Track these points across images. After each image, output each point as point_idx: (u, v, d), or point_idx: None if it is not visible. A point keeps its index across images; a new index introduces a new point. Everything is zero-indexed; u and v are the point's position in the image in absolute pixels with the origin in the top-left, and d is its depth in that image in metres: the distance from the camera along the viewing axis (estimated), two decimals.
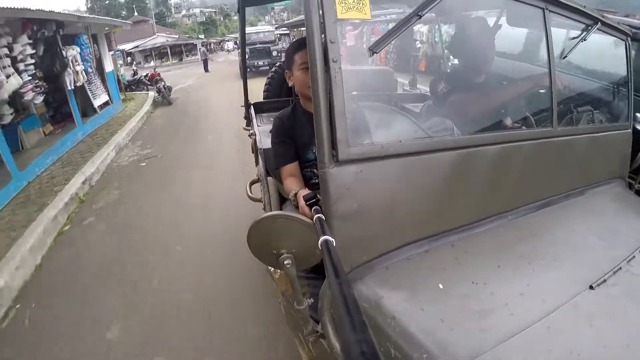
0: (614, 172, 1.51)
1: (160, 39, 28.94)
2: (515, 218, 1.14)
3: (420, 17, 0.90)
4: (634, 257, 1.03)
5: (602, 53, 1.56)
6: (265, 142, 1.78)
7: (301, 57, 1.34)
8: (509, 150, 1.10)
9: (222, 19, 55.28)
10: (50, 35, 5.63)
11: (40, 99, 5.27)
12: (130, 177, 4.82)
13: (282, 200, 1.85)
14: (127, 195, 4.21)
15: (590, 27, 1.27)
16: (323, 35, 0.78)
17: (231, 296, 2.33)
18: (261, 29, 17.21)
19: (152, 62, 26.13)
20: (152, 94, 10.51)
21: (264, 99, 2.93)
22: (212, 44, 31.22)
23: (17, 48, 4.72)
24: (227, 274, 2.53)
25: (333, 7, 0.79)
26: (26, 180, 4.37)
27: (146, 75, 11.68)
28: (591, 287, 0.90)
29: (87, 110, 7.13)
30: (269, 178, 1.91)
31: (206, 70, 18.23)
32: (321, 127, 0.79)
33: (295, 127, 1.41)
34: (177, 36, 32.57)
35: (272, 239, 0.81)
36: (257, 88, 2.89)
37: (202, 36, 38.88)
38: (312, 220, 0.82)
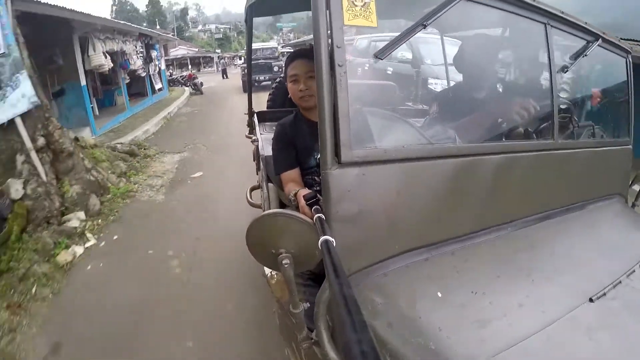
0: (614, 187, 1.51)
1: (182, 51, 32.89)
2: (516, 229, 1.14)
3: (425, 27, 0.92)
4: (634, 271, 1.02)
5: (604, 69, 1.58)
6: (267, 149, 1.80)
7: (292, 68, 1.42)
8: (510, 161, 1.10)
9: (235, 35, 59.14)
10: (146, 43, 11.17)
11: (144, 74, 10.92)
12: (189, 114, 10.72)
13: (282, 207, 1.86)
14: (190, 119, 10.00)
15: (591, 43, 1.29)
16: (329, 41, 0.80)
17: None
18: (265, 45, 18.10)
19: (183, 69, 28.74)
20: (187, 88, 15.74)
21: (267, 108, 2.96)
22: (226, 58, 33.10)
23: (138, 47, 10.29)
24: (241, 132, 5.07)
25: (340, 14, 0.81)
26: (132, 112, 9.50)
27: (182, 76, 17.24)
28: (591, 300, 0.89)
29: (150, 90, 12.16)
30: (270, 185, 1.91)
31: (224, 77, 22.78)
32: (325, 128, 0.79)
33: (297, 134, 1.42)
34: (196, 49, 37.16)
35: (271, 238, 0.80)
36: (258, 101, 4.10)
37: (218, 50, 42.74)
38: (312, 220, 0.81)
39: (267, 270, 1.47)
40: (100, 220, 3.73)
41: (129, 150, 5.84)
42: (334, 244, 0.68)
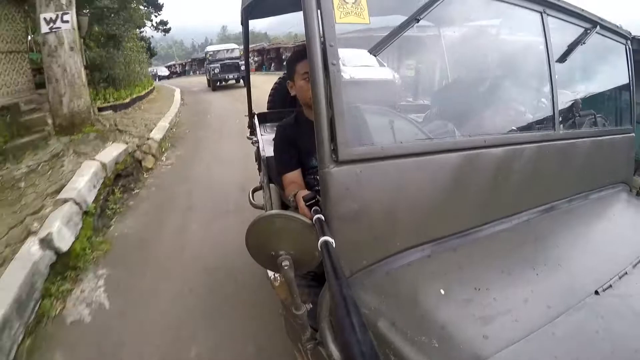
0: (617, 176, 1.49)
1: None
2: (518, 222, 1.12)
3: (418, 21, 0.91)
4: None
5: (603, 56, 1.56)
6: (268, 150, 1.79)
7: (303, 67, 1.35)
8: (511, 153, 1.09)
9: None
10: None
11: None
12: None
13: (285, 208, 1.84)
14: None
15: (589, 30, 1.27)
16: (322, 39, 0.79)
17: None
18: (227, 46, 17.82)
19: None
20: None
21: (267, 109, 2.95)
22: None
23: None
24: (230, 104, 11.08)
25: (332, 12, 0.80)
26: None
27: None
28: (597, 293, 0.88)
29: None
30: (272, 185, 1.90)
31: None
32: (321, 127, 0.79)
33: (298, 134, 1.41)
34: None
35: (271, 240, 0.79)
36: (223, 100, 9.27)
37: None
38: (312, 221, 0.81)
39: (271, 273, 1.47)
40: None
41: None
42: (334, 245, 0.68)
